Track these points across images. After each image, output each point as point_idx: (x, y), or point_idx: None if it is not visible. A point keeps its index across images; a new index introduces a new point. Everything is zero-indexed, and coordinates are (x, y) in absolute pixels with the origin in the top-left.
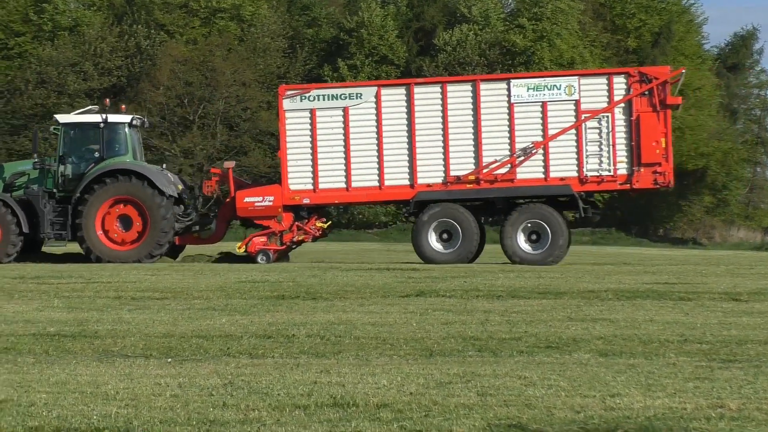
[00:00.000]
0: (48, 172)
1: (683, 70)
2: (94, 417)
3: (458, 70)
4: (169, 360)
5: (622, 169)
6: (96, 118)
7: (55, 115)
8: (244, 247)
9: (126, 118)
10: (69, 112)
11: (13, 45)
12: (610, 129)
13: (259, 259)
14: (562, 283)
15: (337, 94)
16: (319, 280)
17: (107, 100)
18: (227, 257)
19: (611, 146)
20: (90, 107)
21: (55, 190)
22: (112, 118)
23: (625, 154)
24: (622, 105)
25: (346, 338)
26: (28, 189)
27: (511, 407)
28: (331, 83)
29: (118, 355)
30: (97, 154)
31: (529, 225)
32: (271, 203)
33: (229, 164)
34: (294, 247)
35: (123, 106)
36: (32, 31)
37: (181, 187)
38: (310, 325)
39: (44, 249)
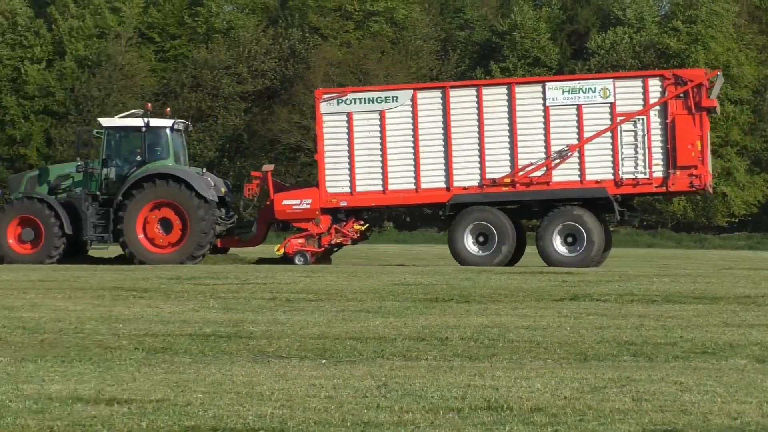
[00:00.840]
0: (91, 175)
1: (718, 73)
2: (250, 417)
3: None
4: (324, 361)
5: (658, 172)
6: (138, 122)
7: (98, 119)
8: (282, 249)
9: (168, 122)
10: (222, 116)
11: (169, 48)
12: (646, 132)
13: (296, 260)
14: (718, 288)
15: (373, 98)
16: (473, 283)
17: (149, 104)
18: (266, 259)
19: (647, 149)
20: (134, 111)
21: (98, 193)
22: (154, 122)
23: (661, 156)
24: (658, 107)
25: (500, 341)
26: (71, 192)
27: (667, 413)
28: (368, 86)
29: (273, 356)
30: (139, 158)
31: (565, 228)
32: (308, 206)
33: (268, 168)
34: (335, 249)
35: (168, 110)
36: (187, 34)
37: (224, 190)
38: (463, 328)
39: (91, 252)
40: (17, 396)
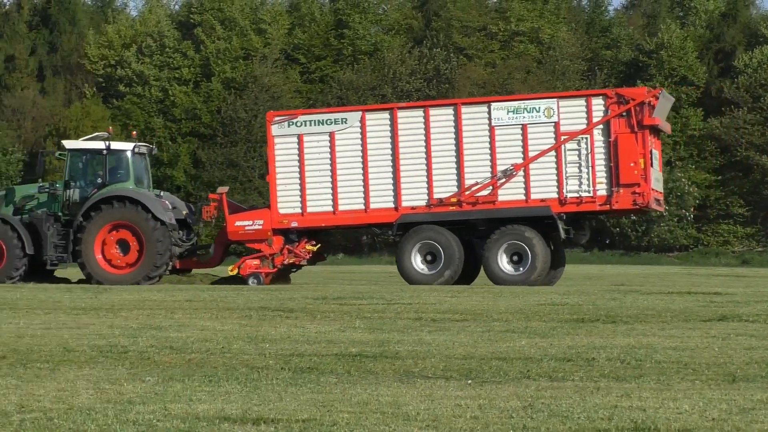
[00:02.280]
0: (54, 196)
1: (661, 91)
2: None
3: (760, 92)
4: (470, 382)
5: (602, 191)
6: (99, 144)
7: (62, 141)
8: (236, 269)
9: (128, 146)
10: None
11: (314, 69)
12: (589, 150)
13: (250, 281)
14: None
15: (323, 119)
16: (619, 304)
17: (110, 128)
18: (224, 280)
19: (590, 167)
20: (98, 134)
21: (60, 214)
22: (115, 145)
23: (604, 175)
24: (601, 126)
25: (647, 362)
26: (33, 212)
27: None
28: (318, 109)
29: (418, 376)
30: (100, 180)
31: (510, 246)
32: (260, 227)
33: (223, 189)
34: (294, 270)
35: (134, 133)
36: (333, 55)
37: (185, 212)
38: (610, 349)
39: (57, 273)
40: (165, 415)
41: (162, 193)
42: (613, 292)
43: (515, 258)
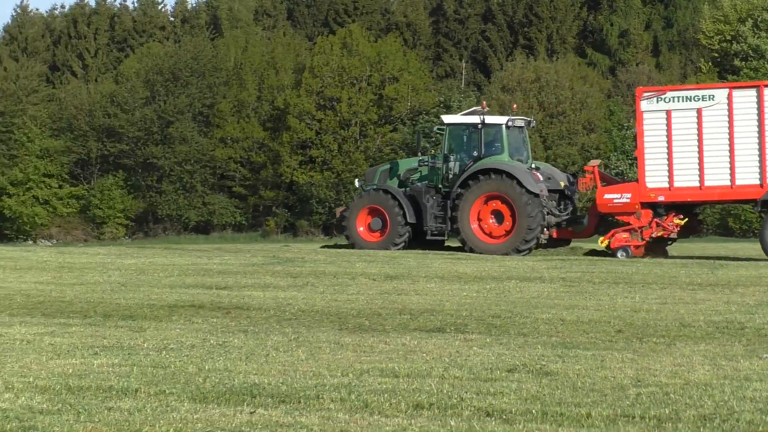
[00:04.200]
0: (434, 168)
1: None
2: None
3: None
4: None
5: None
6: (475, 119)
7: (441, 116)
8: (606, 241)
9: (502, 120)
10: None
11: None
12: None
13: (619, 254)
14: None
15: (691, 96)
16: None
17: (484, 103)
18: (595, 252)
19: None
20: (474, 108)
21: (440, 186)
22: (489, 119)
23: None
24: None
25: None
26: (413, 184)
27: None
28: (686, 85)
29: None
30: (476, 153)
31: None
32: (628, 200)
33: (594, 162)
34: (669, 243)
35: (514, 107)
36: None
37: (563, 183)
38: None
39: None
40: None
41: (538, 165)
42: None
43: None
